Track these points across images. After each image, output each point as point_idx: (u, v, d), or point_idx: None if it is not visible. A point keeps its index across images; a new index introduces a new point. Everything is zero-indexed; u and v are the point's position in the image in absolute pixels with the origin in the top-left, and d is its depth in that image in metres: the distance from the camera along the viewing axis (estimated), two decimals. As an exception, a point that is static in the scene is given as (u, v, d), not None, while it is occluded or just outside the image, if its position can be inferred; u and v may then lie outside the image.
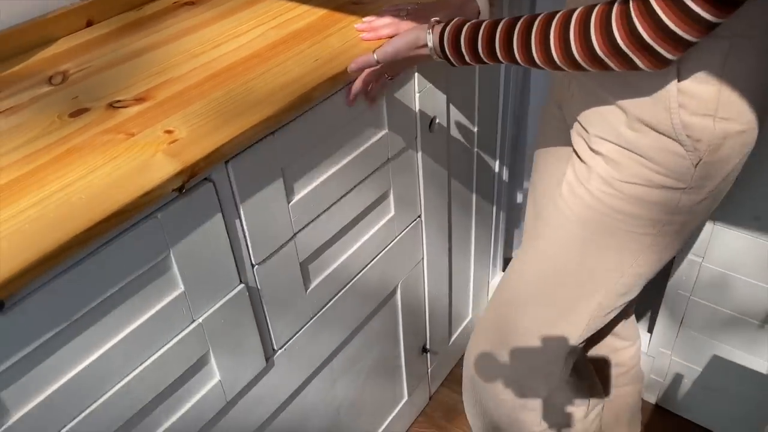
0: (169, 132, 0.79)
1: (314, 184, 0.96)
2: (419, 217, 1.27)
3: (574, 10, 0.75)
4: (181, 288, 0.80)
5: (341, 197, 1.03)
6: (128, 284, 0.74)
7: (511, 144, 1.59)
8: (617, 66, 0.73)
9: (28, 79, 0.94)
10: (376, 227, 1.15)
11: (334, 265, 1.08)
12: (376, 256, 1.18)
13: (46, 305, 0.66)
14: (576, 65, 0.76)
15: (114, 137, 0.79)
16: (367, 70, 0.92)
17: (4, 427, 0.67)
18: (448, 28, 0.85)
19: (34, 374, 0.68)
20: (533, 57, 0.78)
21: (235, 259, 0.86)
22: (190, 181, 0.74)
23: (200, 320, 0.84)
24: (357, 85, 0.94)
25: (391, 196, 1.16)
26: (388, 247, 1.20)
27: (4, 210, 0.68)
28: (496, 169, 1.55)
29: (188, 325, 0.83)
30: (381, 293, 1.25)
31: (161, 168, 0.73)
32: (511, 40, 0.79)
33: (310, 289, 1.03)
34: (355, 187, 1.05)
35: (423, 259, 1.35)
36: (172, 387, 0.84)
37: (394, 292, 1.30)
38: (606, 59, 0.73)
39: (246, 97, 0.85)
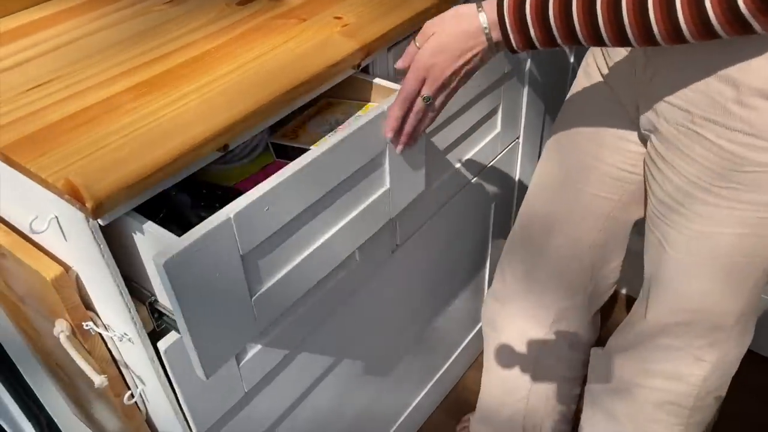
0: (338, 18, 0.85)
1: (446, 87, 1.02)
2: (518, 138, 1.33)
3: None
4: (387, 185, 0.84)
5: (465, 104, 1.09)
6: (356, 173, 0.77)
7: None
8: (728, 34, 0.62)
9: (183, -23, 1.00)
10: (484, 142, 1.21)
11: (449, 172, 1.14)
12: (481, 171, 1.24)
13: (294, 191, 0.69)
14: (676, 36, 0.63)
15: (286, 21, 0.85)
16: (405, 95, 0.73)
17: (257, 294, 0.70)
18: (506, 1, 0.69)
19: (280, 250, 0.71)
20: (624, 27, 0.64)
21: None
22: (365, 59, 0.80)
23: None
24: (396, 112, 0.75)
25: (500, 113, 1.22)
26: (490, 164, 1.26)
27: (209, 73, 0.74)
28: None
29: (386, 222, 0.87)
30: (479, 211, 1.31)
31: (341, 45, 0.79)
32: (594, 5, 0.65)
33: (431, 189, 1.10)
34: (476, 95, 1.11)
35: (515, 183, 1.41)
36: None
37: (488, 215, 1.36)
38: (719, 28, 0.61)
39: (401, -8, 0.90)
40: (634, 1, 0.63)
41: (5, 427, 1.23)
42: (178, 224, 0.71)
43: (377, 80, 0.84)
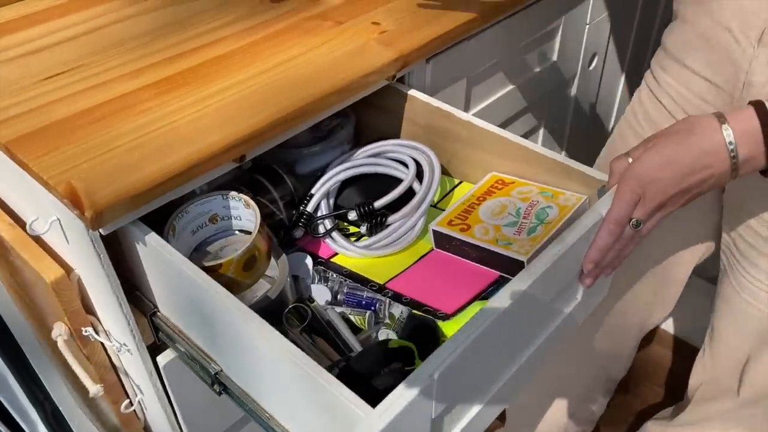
0: (376, 24, 0.79)
1: (487, 102, 0.96)
2: (558, 158, 1.26)
3: None
4: (578, 298, 0.67)
5: (503, 122, 1.03)
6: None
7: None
8: None
9: (220, -33, 0.96)
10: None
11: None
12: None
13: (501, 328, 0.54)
14: None
15: (322, 23, 0.80)
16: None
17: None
18: None
19: (467, 401, 0.57)
20: None
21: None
22: (401, 70, 0.75)
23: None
24: (605, 240, 0.59)
25: (541, 132, 1.16)
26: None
27: (234, 74, 0.70)
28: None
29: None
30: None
31: (378, 54, 0.73)
32: None
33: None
34: (517, 113, 1.05)
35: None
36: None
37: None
38: None
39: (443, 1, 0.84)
40: None
41: (13, 412, 1.21)
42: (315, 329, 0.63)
43: (412, 92, 0.78)
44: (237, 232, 0.68)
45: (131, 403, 0.79)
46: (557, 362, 1.08)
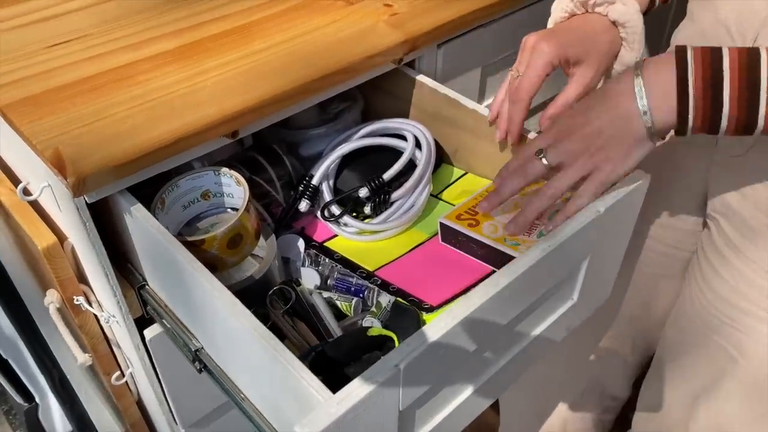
0: (388, 5, 0.78)
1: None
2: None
3: None
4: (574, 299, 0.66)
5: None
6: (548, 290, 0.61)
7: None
8: None
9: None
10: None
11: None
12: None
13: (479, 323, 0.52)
14: None
15: (333, 3, 0.78)
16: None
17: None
18: (691, 53, 0.52)
19: (442, 395, 0.55)
20: None
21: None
22: (409, 54, 0.73)
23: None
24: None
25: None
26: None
27: (236, 50, 0.69)
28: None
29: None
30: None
31: (385, 36, 0.72)
32: None
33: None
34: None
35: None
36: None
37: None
38: None
39: (463, -15, 0.82)
40: None
41: (23, 378, 1.24)
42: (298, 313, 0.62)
43: (420, 77, 0.76)
44: (229, 209, 0.67)
45: (122, 375, 0.79)
46: (547, 364, 1.05)
